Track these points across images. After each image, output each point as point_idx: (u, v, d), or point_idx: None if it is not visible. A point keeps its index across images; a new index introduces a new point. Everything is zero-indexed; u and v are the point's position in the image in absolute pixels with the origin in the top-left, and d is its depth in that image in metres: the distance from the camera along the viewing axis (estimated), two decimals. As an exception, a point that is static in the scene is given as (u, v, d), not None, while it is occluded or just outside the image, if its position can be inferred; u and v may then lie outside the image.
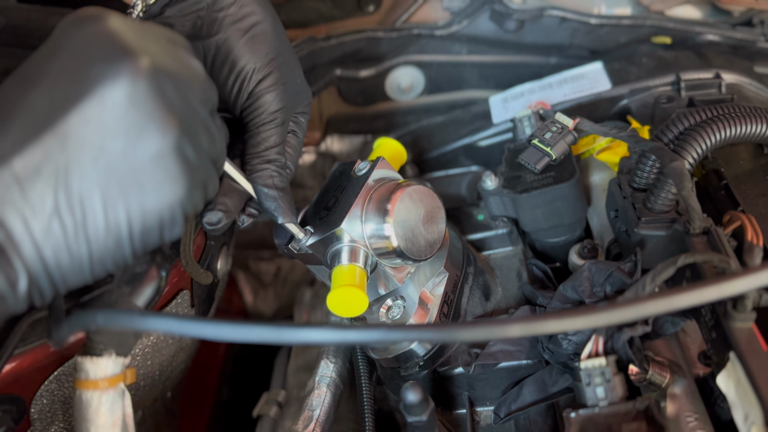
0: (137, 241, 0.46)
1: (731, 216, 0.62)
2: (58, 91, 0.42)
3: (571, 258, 0.79)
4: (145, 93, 0.43)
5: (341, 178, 0.74)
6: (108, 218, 0.44)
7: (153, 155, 0.44)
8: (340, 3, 1.17)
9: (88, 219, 0.43)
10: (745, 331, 0.51)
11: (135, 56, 0.42)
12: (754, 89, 0.92)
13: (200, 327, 0.41)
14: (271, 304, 1.43)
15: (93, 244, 0.44)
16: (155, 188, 0.45)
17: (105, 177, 0.43)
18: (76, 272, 0.45)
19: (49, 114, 0.42)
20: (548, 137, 0.73)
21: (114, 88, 0.42)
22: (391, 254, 0.66)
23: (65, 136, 0.41)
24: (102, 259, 0.45)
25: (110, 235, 0.44)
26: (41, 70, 0.43)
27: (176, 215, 0.47)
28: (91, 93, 0.42)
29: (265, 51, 0.62)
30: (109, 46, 0.43)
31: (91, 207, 0.43)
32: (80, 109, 0.42)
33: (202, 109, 0.48)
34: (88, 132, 0.42)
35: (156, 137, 0.44)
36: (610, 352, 0.58)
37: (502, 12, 1.09)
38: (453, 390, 0.72)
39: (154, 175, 0.44)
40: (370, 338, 0.40)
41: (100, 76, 0.42)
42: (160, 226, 0.46)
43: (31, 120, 0.41)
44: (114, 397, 0.56)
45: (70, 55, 0.43)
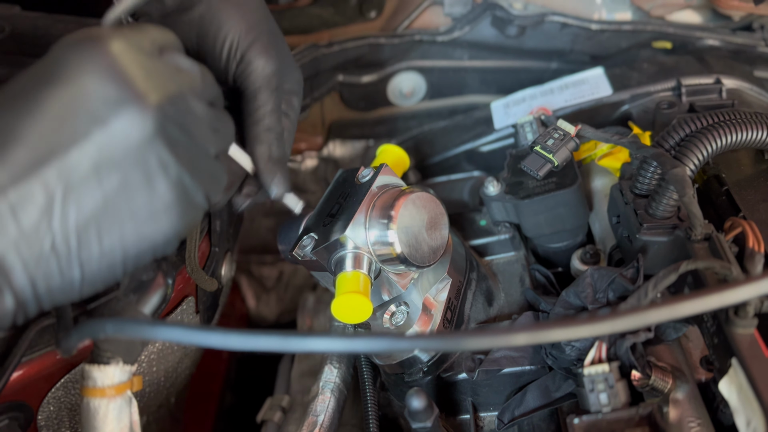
0: (130, 264, 0.47)
1: (732, 222, 0.62)
2: (61, 123, 0.42)
3: (574, 263, 0.80)
4: (152, 134, 0.43)
5: (345, 185, 0.74)
6: (103, 245, 0.44)
7: (151, 190, 0.45)
8: (342, 9, 1.18)
9: (83, 247, 0.43)
10: (747, 337, 0.52)
11: (140, 97, 0.43)
12: (754, 94, 0.93)
13: (208, 336, 0.42)
14: (274, 309, 1.44)
15: (86, 269, 0.44)
16: (151, 219, 0.45)
17: (101, 209, 0.43)
18: (65, 293, 0.45)
19: (51, 147, 0.41)
20: (550, 144, 0.73)
21: (119, 129, 0.42)
22: (395, 260, 0.66)
23: (65, 170, 0.42)
24: (93, 281, 0.45)
25: (104, 261, 0.45)
26: (40, 97, 0.42)
27: (170, 240, 0.48)
28: (96, 131, 0.42)
29: (250, 15, 0.61)
30: (113, 83, 0.42)
31: (86, 236, 0.43)
32: (83, 147, 0.42)
33: (206, 113, 0.48)
34: (88, 168, 0.42)
35: (154, 175, 0.44)
36: (613, 359, 0.58)
37: (503, 18, 1.10)
38: (457, 396, 0.72)
39: (150, 208, 0.45)
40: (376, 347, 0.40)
41: (106, 116, 0.42)
42: (153, 251, 0.47)
43: (31, 151, 0.41)
44: (121, 404, 0.56)
45: (72, 85, 0.42)
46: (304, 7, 1.16)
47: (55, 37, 0.89)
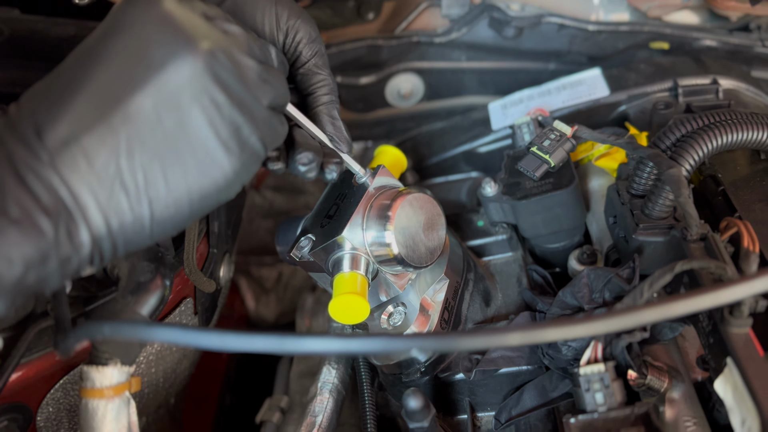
0: (196, 205, 0.49)
1: (728, 222, 0.62)
2: (123, 71, 0.46)
3: (571, 263, 0.80)
4: (202, 73, 0.46)
5: (342, 186, 0.74)
6: (168, 183, 0.47)
7: (206, 127, 0.47)
8: (340, 11, 1.18)
9: (150, 183, 0.46)
10: (742, 336, 0.52)
11: (193, 41, 0.46)
12: (751, 94, 0.93)
13: (205, 337, 0.42)
14: (273, 310, 1.44)
15: (154, 206, 0.47)
16: (210, 158, 0.48)
17: (164, 147, 0.46)
18: (137, 233, 0.47)
19: (115, 93, 0.45)
20: (547, 145, 0.74)
21: (175, 73, 0.46)
22: (392, 261, 0.66)
23: (128, 113, 0.45)
24: (162, 221, 0.48)
25: (170, 198, 0.47)
26: (103, 50, 0.46)
27: (231, 182, 0.50)
28: (154, 76, 0.45)
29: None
30: (168, 30, 0.46)
31: (152, 172, 0.46)
32: (144, 90, 0.45)
33: (255, 67, 0.51)
34: (149, 110, 0.45)
35: (208, 112, 0.47)
36: (609, 358, 0.59)
37: (500, 19, 1.10)
38: (454, 396, 0.73)
39: (207, 145, 0.48)
40: (373, 348, 0.41)
41: (162, 60, 0.45)
42: (216, 192, 0.50)
43: (96, 97, 0.45)
44: (119, 405, 0.56)
45: (131, 36, 0.46)
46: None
47: (55, 40, 0.90)
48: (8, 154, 0.43)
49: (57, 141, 0.44)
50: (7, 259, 0.42)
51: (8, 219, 0.42)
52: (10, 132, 0.44)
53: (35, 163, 0.43)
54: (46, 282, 0.45)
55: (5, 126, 0.45)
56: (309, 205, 1.28)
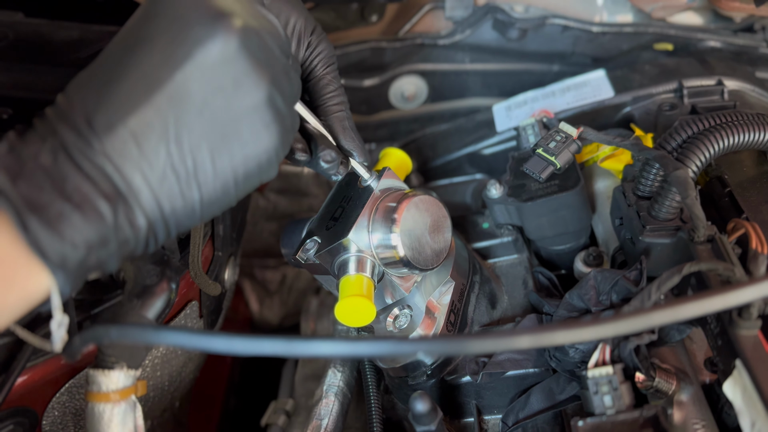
0: (241, 185, 0.50)
1: (735, 224, 0.62)
2: (162, 53, 0.46)
3: (577, 265, 0.80)
4: (238, 51, 0.47)
5: (347, 189, 0.74)
6: (215, 165, 0.48)
7: (250, 107, 0.48)
8: (343, 14, 1.18)
9: (198, 167, 0.47)
10: (751, 338, 0.52)
11: (227, 18, 0.46)
12: (756, 95, 0.93)
13: (212, 341, 0.42)
14: (277, 312, 1.44)
15: (203, 190, 0.48)
16: (254, 137, 0.49)
17: (210, 129, 0.47)
18: (188, 216, 0.48)
19: (157, 75, 0.46)
20: (552, 146, 0.74)
21: (212, 49, 0.46)
22: (398, 264, 0.66)
23: (172, 94, 0.46)
24: (211, 203, 0.49)
25: (218, 181, 0.48)
26: (142, 34, 0.47)
27: (272, 159, 0.52)
28: (193, 54, 0.46)
29: (302, 5, 0.64)
30: (203, 9, 0.47)
31: (200, 156, 0.47)
32: (184, 70, 0.46)
33: (282, 57, 0.52)
34: (192, 90, 0.46)
35: (251, 91, 0.48)
36: (617, 361, 0.58)
37: (504, 21, 1.10)
38: (461, 399, 0.73)
39: (252, 125, 0.49)
40: (381, 351, 0.40)
41: (200, 38, 0.46)
42: (259, 170, 0.51)
43: (141, 81, 0.45)
44: (126, 409, 0.56)
45: (168, 18, 0.47)
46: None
47: (59, 43, 0.90)
48: (63, 142, 0.44)
49: (106, 127, 0.45)
50: (72, 243, 0.43)
51: (71, 204, 0.43)
52: (62, 121, 0.45)
53: (88, 151, 0.44)
54: (105, 264, 0.46)
55: (56, 115, 0.45)
56: (313, 208, 1.27)
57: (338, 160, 0.66)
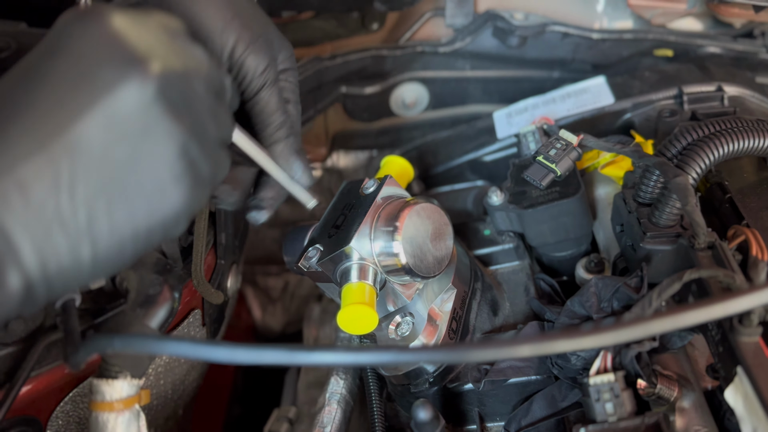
0: (141, 243, 0.45)
1: (736, 230, 0.62)
2: (65, 95, 0.41)
3: (578, 272, 0.80)
4: (153, 99, 0.42)
5: (349, 196, 0.75)
6: (112, 220, 0.43)
7: (158, 159, 0.44)
8: (344, 22, 1.18)
9: (92, 222, 0.42)
10: (752, 345, 0.52)
11: (143, 62, 0.42)
12: (756, 101, 0.93)
13: (215, 350, 0.42)
14: (280, 320, 1.44)
15: (97, 247, 0.43)
16: (159, 191, 0.44)
17: (109, 181, 0.42)
18: (76, 275, 0.43)
19: (56, 120, 0.41)
20: (553, 154, 0.74)
21: (122, 97, 0.41)
22: (400, 271, 0.66)
23: (72, 142, 0.41)
24: (104, 261, 0.44)
25: (114, 237, 0.43)
26: (44, 71, 0.42)
27: (180, 216, 0.46)
28: (99, 101, 0.41)
29: (225, 11, 0.56)
30: (117, 50, 0.42)
31: (95, 210, 0.42)
32: (87, 117, 0.41)
33: (208, 98, 0.47)
34: (93, 139, 0.41)
35: (161, 142, 0.43)
36: (619, 368, 0.58)
37: (504, 28, 1.11)
38: (463, 406, 0.73)
39: (158, 178, 0.44)
40: (382, 360, 0.41)
41: (109, 84, 0.41)
42: (163, 228, 0.46)
43: (37, 125, 0.40)
44: (129, 418, 0.56)
45: (75, 56, 0.42)
46: (307, 20, 1.17)
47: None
48: None
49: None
50: None
51: None
52: None
53: None
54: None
55: None
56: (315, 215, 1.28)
57: (267, 210, 0.63)
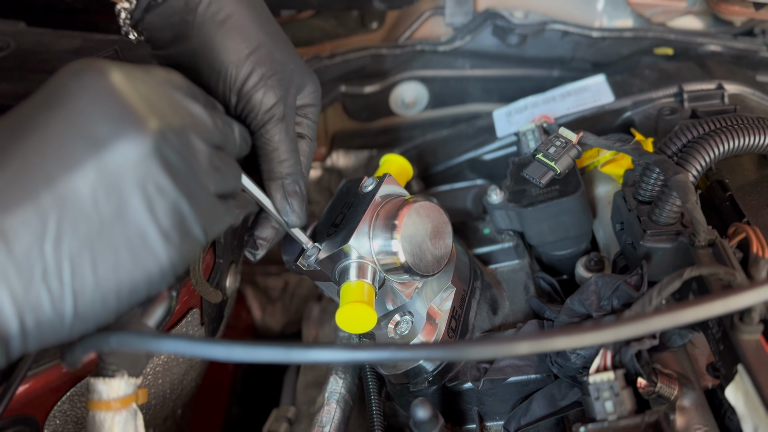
0: (124, 300, 0.45)
1: (736, 228, 0.62)
2: (59, 147, 0.41)
3: (578, 271, 0.80)
4: (148, 156, 0.42)
5: (348, 195, 0.74)
6: (97, 276, 0.42)
7: (148, 217, 0.43)
8: (344, 21, 1.18)
9: (76, 276, 0.41)
10: (753, 343, 0.52)
11: (140, 119, 0.42)
12: (757, 99, 0.93)
13: (211, 348, 0.42)
14: (279, 319, 1.44)
15: (78, 301, 0.42)
16: (147, 249, 0.44)
17: (96, 235, 0.42)
18: (55, 331, 0.42)
19: (48, 171, 0.40)
20: (552, 152, 0.73)
21: (118, 152, 0.41)
22: (399, 270, 0.66)
23: (61, 195, 0.40)
24: (85, 317, 0.43)
25: (97, 293, 0.43)
26: (40, 121, 0.42)
27: (166, 274, 0.46)
28: (94, 155, 0.41)
29: (243, 46, 0.58)
30: (114, 106, 0.42)
31: (79, 264, 0.41)
32: (82, 170, 0.41)
33: (207, 152, 0.48)
34: (85, 193, 0.41)
35: (153, 199, 0.43)
36: (619, 366, 0.58)
37: (504, 27, 1.11)
38: (462, 405, 0.72)
39: (146, 235, 0.44)
40: (381, 357, 0.40)
41: (105, 139, 0.41)
42: (148, 285, 0.46)
43: (28, 174, 0.40)
44: (127, 417, 0.56)
45: (72, 110, 0.42)
46: (306, 19, 1.17)
47: (60, 53, 0.90)
48: None
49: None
50: None
51: None
52: None
53: None
54: None
55: None
56: (314, 214, 1.28)
57: (261, 250, 0.66)
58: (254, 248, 0.67)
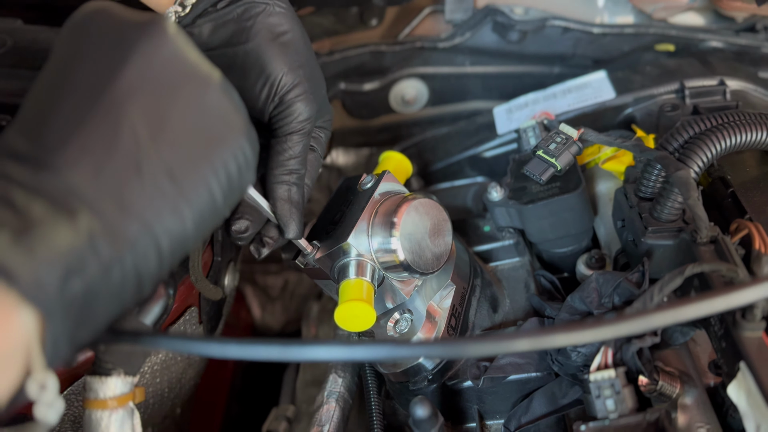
0: (226, 191, 0.45)
1: (738, 224, 0.61)
2: (100, 63, 0.42)
3: (579, 268, 0.79)
4: (183, 45, 0.44)
5: (347, 193, 0.74)
6: (198, 172, 0.43)
7: (209, 100, 0.45)
8: (343, 18, 1.18)
9: (182, 181, 0.42)
10: (755, 340, 0.51)
11: (159, 19, 0.44)
12: (759, 95, 0.92)
13: (206, 346, 0.41)
14: (279, 318, 1.43)
15: (194, 207, 0.43)
16: (224, 130, 0.45)
17: (179, 131, 0.43)
18: (179, 242, 0.43)
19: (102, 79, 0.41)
20: (553, 148, 0.73)
21: (153, 44, 0.43)
22: (398, 268, 0.66)
23: (124, 92, 0.41)
24: (202, 217, 0.44)
25: (203, 189, 0.44)
26: (72, 59, 0.43)
27: (248, 154, 0.47)
28: (135, 51, 0.42)
29: (294, 59, 0.63)
30: (130, 20, 0.44)
31: (178, 165, 0.42)
32: (132, 65, 0.42)
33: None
34: (144, 86, 0.42)
35: (205, 83, 0.45)
36: (620, 364, 0.58)
37: (504, 23, 1.10)
38: (463, 404, 0.72)
39: (217, 117, 0.45)
40: (378, 355, 0.40)
41: (137, 38, 0.43)
42: (239, 171, 0.46)
43: (84, 93, 0.41)
44: (123, 416, 0.55)
45: (94, 38, 0.43)
46: (306, 16, 1.16)
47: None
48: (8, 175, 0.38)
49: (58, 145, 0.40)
50: (45, 257, 0.36)
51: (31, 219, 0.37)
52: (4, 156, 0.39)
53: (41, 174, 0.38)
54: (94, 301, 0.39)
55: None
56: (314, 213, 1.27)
57: (276, 238, 0.66)
58: (261, 245, 0.68)
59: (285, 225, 0.65)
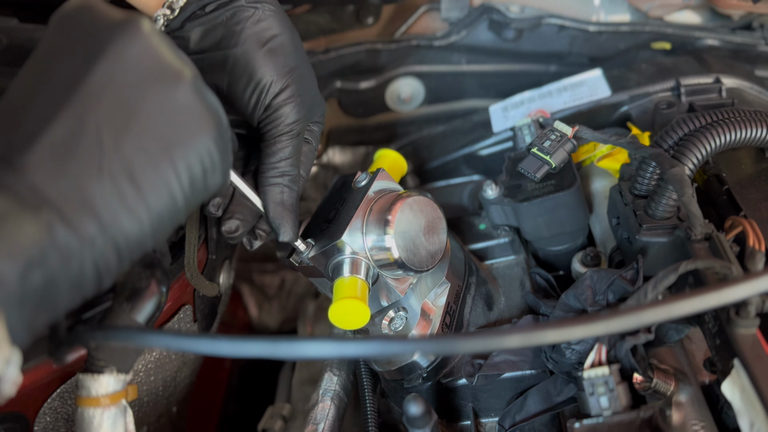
0: (188, 194, 0.46)
1: (733, 221, 0.61)
2: (72, 62, 0.43)
3: (574, 266, 0.79)
4: (157, 43, 0.45)
5: (342, 191, 0.74)
6: (159, 174, 0.44)
7: (176, 99, 0.45)
8: (339, 16, 1.17)
9: (141, 182, 0.43)
10: (749, 337, 0.51)
11: (135, 18, 0.44)
12: (755, 93, 0.92)
13: (197, 342, 0.41)
14: (276, 317, 1.43)
15: (152, 209, 0.44)
16: (189, 130, 0.45)
17: (143, 131, 0.43)
18: (136, 241, 0.44)
19: (72, 78, 0.42)
20: (547, 145, 0.73)
21: (125, 43, 0.43)
22: (393, 266, 0.65)
23: (89, 93, 0.42)
24: (160, 218, 0.45)
25: (163, 190, 0.44)
26: (49, 56, 0.44)
27: (215, 156, 0.47)
28: (107, 50, 0.43)
29: (283, 64, 0.63)
30: (108, 18, 0.45)
31: (139, 166, 0.43)
32: (102, 65, 0.43)
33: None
34: (112, 86, 0.43)
35: (175, 82, 0.45)
36: (614, 361, 0.58)
37: (500, 21, 1.10)
38: (457, 401, 0.72)
39: (184, 117, 0.45)
40: (369, 351, 0.40)
41: (110, 37, 0.43)
42: (203, 173, 0.47)
43: (55, 91, 0.42)
44: (116, 413, 0.55)
45: (71, 35, 0.44)
46: (302, 15, 1.16)
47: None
48: None
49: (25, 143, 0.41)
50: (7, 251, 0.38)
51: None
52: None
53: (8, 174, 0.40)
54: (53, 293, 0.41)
55: None
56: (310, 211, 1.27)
57: (269, 232, 0.67)
58: (253, 238, 0.69)
59: (278, 228, 0.65)
